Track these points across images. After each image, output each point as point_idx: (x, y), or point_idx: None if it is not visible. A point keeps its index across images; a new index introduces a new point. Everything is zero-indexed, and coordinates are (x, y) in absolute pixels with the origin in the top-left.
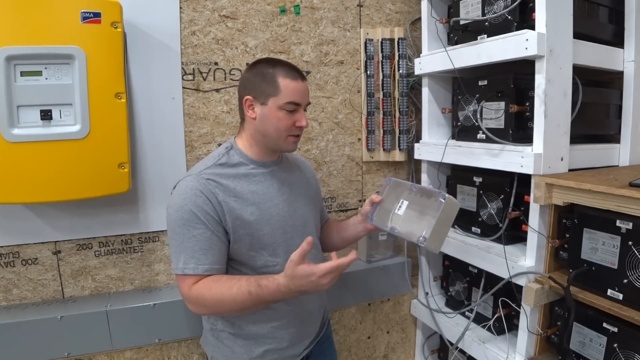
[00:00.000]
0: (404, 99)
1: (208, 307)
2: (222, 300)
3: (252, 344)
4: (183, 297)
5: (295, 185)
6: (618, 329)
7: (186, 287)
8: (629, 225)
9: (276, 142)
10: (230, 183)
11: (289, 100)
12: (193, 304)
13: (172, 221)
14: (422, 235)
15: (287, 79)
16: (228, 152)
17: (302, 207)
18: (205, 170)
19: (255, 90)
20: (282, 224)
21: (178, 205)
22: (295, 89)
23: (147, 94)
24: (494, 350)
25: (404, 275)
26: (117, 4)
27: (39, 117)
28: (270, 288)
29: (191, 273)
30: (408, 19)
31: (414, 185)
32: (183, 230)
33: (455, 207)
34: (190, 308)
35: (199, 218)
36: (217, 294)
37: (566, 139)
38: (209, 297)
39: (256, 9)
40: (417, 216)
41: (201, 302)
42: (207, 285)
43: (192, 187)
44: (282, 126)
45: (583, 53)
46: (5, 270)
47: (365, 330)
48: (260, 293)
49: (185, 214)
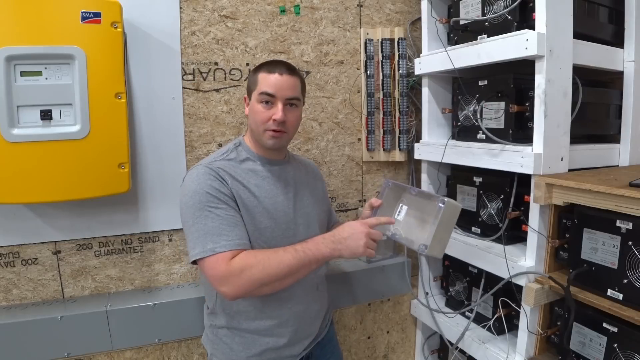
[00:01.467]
0: (404, 99)
1: (253, 279)
2: (269, 266)
3: (250, 342)
4: (218, 277)
5: (302, 185)
6: (618, 329)
7: (223, 264)
8: (629, 225)
9: (259, 136)
10: (237, 175)
11: (261, 91)
12: (235, 278)
13: (188, 207)
14: (423, 244)
15: (265, 72)
16: (236, 148)
17: (307, 206)
18: (213, 162)
19: (247, 89)
20: (285, 221)
21: (193, 191)
22: (269, 80)
23: (147, 94)
24: (494, 350)
25: (404, 275)
26: (117, 4)
27: (39, 117)
28: (316, 242)
29: (223, 250)
30: (408, 19)
31: (413, 189)
32: (204, 213)
33: (456, 209)
34: (228, 289)
35: (217, 198)
36: (264, 259)
37: (566, 139)
38: (256, 263)
39: (256, 9)
40: (417, 221)
41: (247, 274)
42: (251, 254)
43: (204, 172)
44: (258, 119)
45: (583, 53)
46: (5, 270)
47: (365, 330)
48: (306, 249)
49: (202, 196)
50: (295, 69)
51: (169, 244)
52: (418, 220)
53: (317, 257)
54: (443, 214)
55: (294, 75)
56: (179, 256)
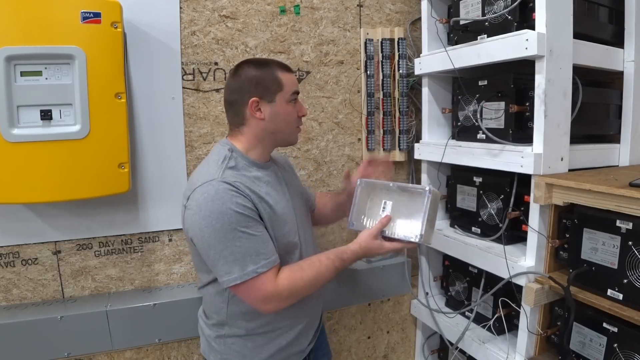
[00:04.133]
0: (404, 99)
1: (299, 296)
2: (314, 285)
3: (261, 346)
4: (264, 298)
5: (289, 182)
6: (618, 329)
7: (270, 284)
8: (629, 225)
9: (288, 136)
10: (251, 185)
11: (294, 90)
12: (283, 298)
13: (216, 230)
14: (418, 233)
15: (285, 72)
16: (232, 154)
17: (297, 202)
18: (223, 173)
19: (259, 91)
20: (293, 222)
21: (218, 212)
22: (292, 79)
23: (147, 94)
24: (494, 350)
25: (404, 275)
26: (117, 4)
27: (39, 117)
28: (351, 260)
29: (265, 270)
30: (408, 19)
31: (390, 183)
32: (237, 234)
33: (439, 196)
34: (272, 307)
35: (246, 216)
36: (310, 279)
37: (566, 139)
38: (304, 285)
39: (256, 9)
40: (405, 214)
41: (295, 292)
42: (297, 275)
43: (224, 189)
44: (291, 119)
45: (583, 53)
46: (5, 270)
47: (365, 330)
48: (343, 265)
49: (231, 217)
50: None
51: (169, 244)
52: (405, 213)
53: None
54: (431, 200)
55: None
56: (179, 256)
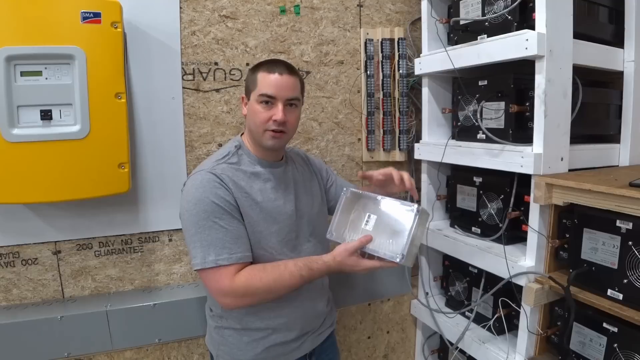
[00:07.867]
0: (404, 99)
1: (256, 297)
2: (273, 288)
3: (257, 340)
4: (220, 291)
5: (300, 184)
6: (618, 329)
7: (227, 279)
8: (629, 225)
9: (258, 137)
10: (240, 181)
11: (261, 92)
12: (239, 296)
13: (192, 215)
14: (400, 253)
15: (265, 72)
16: (237, 151)
17: (308, 206)
18: (216, 166)
19: (246, 88)
20: (289, 223)
21: (197, 199)
22: (269, 81)
23: (147, 94)
24: (494, 351)
25: (404, 275)
26: (117, 4)
27: (39, 117)
28: (321, 270)
29: (226, 263)
30: (408, 19)
31: (377, 196)
32: (208, 223)
33: (427, 216)
34: (229, 302)
35: (222, 208)
36: (269, 282)
37: (566, 139)
38: (261, 286)
39: (256, 9)
40: (388, 231)
41: (251, 292)
42: (256, 275)
43: (208, 179)
44: (258, 120)
45: (583, 53)
46: (5, 270)
47: (365, 330)
48: (311, 275)
49: (207, 206)
50: (294, 69)
51: (169, 244)
52: (389, 230)
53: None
54: (417, 221)
55: (294, 75)
56: (179, 256)
